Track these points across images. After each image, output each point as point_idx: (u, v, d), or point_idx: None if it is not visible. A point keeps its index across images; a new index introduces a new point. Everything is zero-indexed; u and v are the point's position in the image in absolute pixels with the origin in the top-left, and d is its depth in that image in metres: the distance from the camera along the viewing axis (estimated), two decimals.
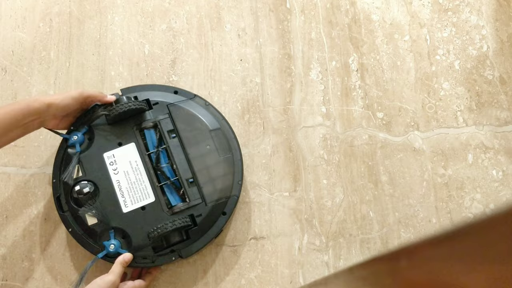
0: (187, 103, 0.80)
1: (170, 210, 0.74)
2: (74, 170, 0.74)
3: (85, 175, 0.75)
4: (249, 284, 0.79)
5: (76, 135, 0.76)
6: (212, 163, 0.76)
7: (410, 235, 0.82)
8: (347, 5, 0.95)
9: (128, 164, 0.75)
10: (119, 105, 0.76)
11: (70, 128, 0.77)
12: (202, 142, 0.77)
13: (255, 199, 0.83)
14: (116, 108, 0.75)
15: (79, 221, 0.73)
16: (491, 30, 0.93)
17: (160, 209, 0.74)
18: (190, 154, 0.76)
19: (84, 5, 0.94)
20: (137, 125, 0.78)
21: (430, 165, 0.86)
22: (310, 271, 0.80)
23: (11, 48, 0.91)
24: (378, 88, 0.90)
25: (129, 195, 0.74)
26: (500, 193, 0.84)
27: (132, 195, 0.74)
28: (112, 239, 0.72)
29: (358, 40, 0.93)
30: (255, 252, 0.81)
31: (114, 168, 0.75)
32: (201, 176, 0.75)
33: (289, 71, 0.91)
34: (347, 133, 0.87)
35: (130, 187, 0.74)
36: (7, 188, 0.82)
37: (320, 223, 0.82)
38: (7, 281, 0.79)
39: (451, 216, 0.83)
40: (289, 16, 0.94)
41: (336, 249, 0.81)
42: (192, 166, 0.75)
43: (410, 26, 0.94)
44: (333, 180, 0.85)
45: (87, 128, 0.77)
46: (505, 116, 0.88)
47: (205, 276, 0.79)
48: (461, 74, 0.91)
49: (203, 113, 0.80)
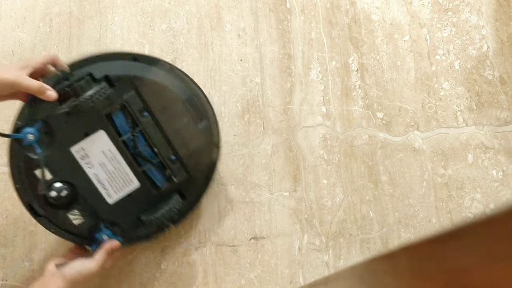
0: (151, 72, 0.71)
1: (158, 191, 0.72)
2: (43, 176, 0.66)
3: (57, 177, 0.67)
4: (249, 284, 0.79)
5: (29, 132, 0.65)
6: (191, 135, 0.72)
7: (410, 235, 0.82)
8: (347, 5, 0.95)
9: (102, 154, 0.68)
10: (83, 100, 0.64)
11: (17, 123, 0.66)
12: (178, 115, 0.71)
13: (255, 199, 0.83)
14: (82, 104, 0.65)
15: (62, 221, 0.69)
16: (491, 30, 0.93)
17: (147, 192, 0.71)
18: (168, 131, 0.70)
19: (84, 5, 0.94)
20: (102, 109, 0.68)
21: (430, 165, 0.86)
22: (310, 271, 0.80)
23: (11, 48, 0.91)
24: (378, 88, 0.90)
25: (111, 185, 0.69)
26: (500, 193, 0.84)
27: (114, 185, 0.69)
28: (103, 231, 0.70)
29: (358, 40, 0.93)
30: (255, 252, 0.81)
31: (87, 162, 0.68)
32: (183, 151, 0.71)
33: (289, 71, 0.91)
34: (347, 133, 0.87)
35: (110, 178, 0.69)
36: (7, 188, 0.82)
37: (320, 223, 0.82)
38: (7, 281, 0.79)
39: (451, 216, 0.83)
40: (289, 16, 0.94)
41: (336, 249, 0.81)
42: (171, 143, 0.70)
43: (410, 26, 0.94)
44: (333, 180, 0.85)
45: (41, 122, 0.66)
46: (505, 116, 0.88)
47: (205, 276, 0.79)
48: (461, 74, 0.91)
49: (172, 81, 0.73)
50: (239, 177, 0.84)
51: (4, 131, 0.65)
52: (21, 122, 0.66)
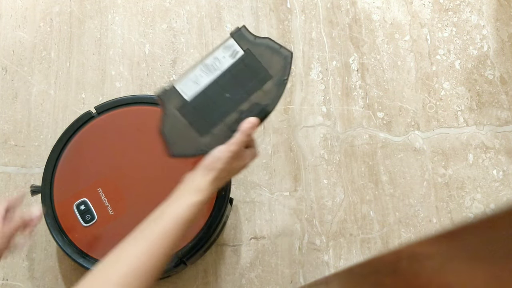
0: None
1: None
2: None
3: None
4: (250, 284, 0.79)
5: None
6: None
7: (411, 235, 0.82)
8: (348, 5, 0.95)
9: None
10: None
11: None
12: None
13: (255, 199, 0.83)
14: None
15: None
16: (492, 30, 0.93)
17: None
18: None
19: (84, 4, 0.94)
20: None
21: (431, 165, 0.86)
22: (311, 271, 0.80)
23: (12, 47, 0.91)
24: (379, 88, 0.90)
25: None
26: (501, 193, 0.84)
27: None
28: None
29: (358, 40, 0.93)
30: (256, 252, 0.81)
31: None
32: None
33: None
34: (348, 133, 0.87)
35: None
36: (7, 187, 0.83)
37: (320, 223, 0.82)
38: (7, 280, 0.79)
39: (452, 216, 0.83)
40: (290, 16, 0.94)
41: (336, 249, 0.81)
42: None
43: (410, 26, 0.94)
44: (333, 180, 0.85)
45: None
46: (506, 116, 0.88)
47: (205, 276, 0.79)
48: (462, 74, 0.91)
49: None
50: (240, 177, 0.84)
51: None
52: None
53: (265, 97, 0.62)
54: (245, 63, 0.62)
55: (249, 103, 0.62)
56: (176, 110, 0.62)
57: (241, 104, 0.62)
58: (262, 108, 0.62)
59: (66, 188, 0.75)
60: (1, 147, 0.86)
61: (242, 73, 0.62)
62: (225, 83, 0.62)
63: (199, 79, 0.62)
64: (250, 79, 0.63)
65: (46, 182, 0.74)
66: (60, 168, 0.76)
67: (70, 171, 0.76)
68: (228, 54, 0.63)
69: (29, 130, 0.86)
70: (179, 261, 0.71)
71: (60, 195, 0.75)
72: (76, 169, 0.76)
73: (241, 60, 0.62)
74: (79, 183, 0.74)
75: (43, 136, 0.86)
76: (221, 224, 0.76)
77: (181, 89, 0.62)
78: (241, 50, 0.63)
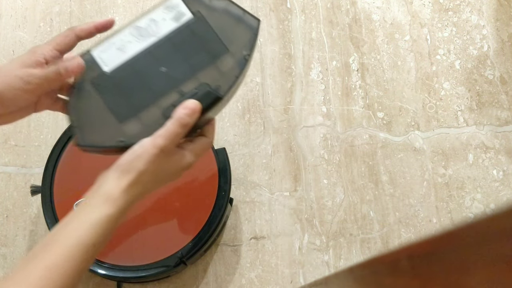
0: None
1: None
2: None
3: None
4: (250, 284, 0.79)
5: None
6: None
7: (411, 235, 0.82)
8: (348, 4, 0.95)
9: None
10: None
11: None
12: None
13: (255, 199, 0.83)
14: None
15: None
16: (492, 30, 0.93)
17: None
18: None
19: (84, 4, 0.94)
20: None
21: (431, 165, 0.86)
22: (311, 271, 0.80)
23: (12, 47, 0.91)
24: (379, 88, 0.90)
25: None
26: (501, 193, 0.84)
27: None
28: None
29: (358, 39, 0.93)
30: (256, 252, 0.81)
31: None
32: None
33: (289, 71, 0.91)
34: (348, 133, 0.87)
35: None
36: (7, 187, 0.83)
37: (320, 223, 0.82)
38: None
39: (452, 216, 0.83)
40: (290, 16, 0.94)
41: (336, 249, 0.81)
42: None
43: (410, 26, 0.94)
44: (333, 180, 0.85)
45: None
46: (506, 116, 0.88)
47: (205, 276, 0.79)
48: (462, 74, 0.91)
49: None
50: (240, 177, 0.84)
51: None
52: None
53: (218, 76, 0.46)
54: (192, 30, 0.46)
55: (194, 82, 0.46)
56: (90, 84, 0.45)
57: (183, 82, 0.45)
58: (210, 91, 0.45)
59: (66, 188, 0.75)
60: (1, 147, 0.86)
61: (187, 43, 0.46)
62: (162, 53, 0.46)
63: (126, 46, 0.46)
64: (198, 51, 0.46)
65: (46, 182, 0.74)
66: (60, 168, 0.76)
67: (70, 171, 0.76)
68: (170, 17, 0.47)
69: (29, 130, 0.86)
70: (179, 261, 0.71)
71: (60, 195, 0.75)
72: (76, 169, 0.76)
73: (188, 25, 0.46)
74: (79, 183, 0.74)
75: (43, 136, 0.86)
76: (221, 224, 0.76)
77: (99, 57, 0.46)
78: (189, 13, 0.47)
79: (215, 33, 0.46)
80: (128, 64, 0.46)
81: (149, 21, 0.47)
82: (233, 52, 0.47)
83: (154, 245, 0.72)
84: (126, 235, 0.73)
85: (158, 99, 0.45)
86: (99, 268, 0.71)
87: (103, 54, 0.46)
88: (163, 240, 0.72)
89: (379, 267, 0.34)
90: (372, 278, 0.36)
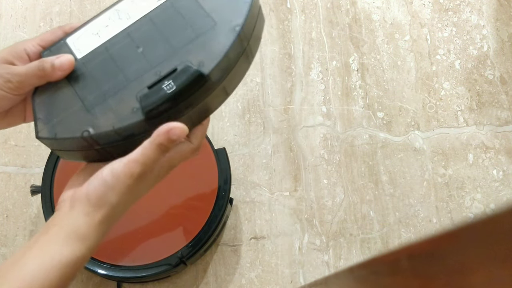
0: None
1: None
2: None
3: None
4: (250, 284, 0.79)
5: None
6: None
7: (411, 235, 0.82)
8: (348, 4, 0.95)
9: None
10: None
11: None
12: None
13: (255, 199, 0.83)
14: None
15: None
16: (492, 30, 0.93)
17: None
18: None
19: (84, 4, 0.94)
20: None
21: (431, 165, 0.86)
22: (311, 271, 0.80)
23: None
24: (379, 88, 0.90)
25: None
26: (501, 193, 0.84)
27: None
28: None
29: (358, 39, 0.93)
30: (256, 252, 0.81)
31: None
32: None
33: (289, 71, 0.91)
34: (348, 133, 0.87)
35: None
36: (7, 187, 0.83)
37: (320, 223, 0.82)
38: None
39: (452, 216, 0.83)
40: (290, 16, 0.94)
41: (336, 249, 0.81)
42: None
43: (410, 26, 0.94)
44: (333, 180, 0.85)
45: None
46: (506, 116, 0.88)
47: (205, 276, 0.79)
48: (462, 74, 0.91)
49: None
50: (240, 177, 0.84)
51: None
52: None
53: (202, 53, 0.39)
54: (176, 7, 0.41)
55: (174, 60, 0.39)
56: None
57: (161, 63, 0.39)
58: (192, 69, 0.38)
59: None
60: (1, 147, 0.86)
61: (169, 22, 0.41)
62: (140, 35, 0.41)
63: (102, 30, 0.42)
64: (182, 29, 0.40)
65: (46, 182, 0.74)
66: (60, 168, 0.76)
67: (70, 171, 0.76)
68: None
69: (29, 130, 0.86)
70: (179, 261, 0.71)
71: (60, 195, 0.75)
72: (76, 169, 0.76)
73: (171, 3, 0.41)
74: None
75: None
76: (221, 224, 0.76)
77: (73, 43, 0.42)
78: None
79: (201, 7, 0.41)
80: (103, 48, 0.41)
81: (130, 2, 0.42)
82: (221, 24, 0.40)
83: (154, 245, 0.72)
84: (126, 235, 0.73)
85: (132, 82, 0.39)
86: (99, 268, 0.70)
87: (78, 41, 0.42)
88: (163, 240, 0.72)
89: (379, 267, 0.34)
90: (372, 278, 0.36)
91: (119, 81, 0.39)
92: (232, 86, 0.43)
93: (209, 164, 0.76)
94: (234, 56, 0.41)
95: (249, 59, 0.45)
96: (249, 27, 0.42)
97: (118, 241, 0.73)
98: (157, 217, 0.74)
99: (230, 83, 0.42)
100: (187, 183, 0.75)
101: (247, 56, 0.44)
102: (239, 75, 0.44)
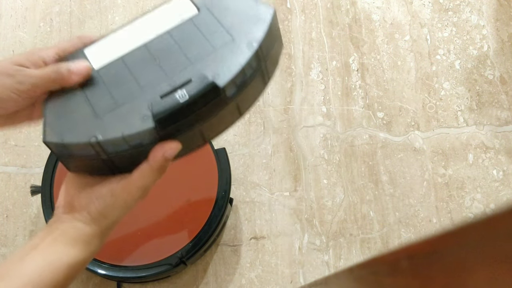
0: None
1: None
2: None
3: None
4: (250, 284, 0.79)
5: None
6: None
7: (411, 235, 0.82)
8: (348, 5, 0.95)
9: None
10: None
11: None
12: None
13: (255, 199, 0.83)
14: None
15: None
16: (492, 30, 0.93)
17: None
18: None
19: (84, 4, 0.94)
20: None
21: (431, 165, 0.86)
22: (311, 271, 0.80)
23: (12, 47, 0.91)
24: (379, 88, 0.90)
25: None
26: (501, 193, 0.84)
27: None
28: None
29: (358, 40, 0.93)
30: (256, 252, 0.81)
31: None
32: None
33: (289, 71, 0.91)
34: (348, 133, 0.87)
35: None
36: (7, 187, 0.83)
37: (320, 223, 0.82)
38: None
39: (452, 216, 0.83)
40: (290, 16, 0.94)
41: (336, 249, 0.81)
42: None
43: (410, 26, 0.94)
44: (333, 180, 0.85)
45: None
46: (506, 116, 0.88)
47: (205, 276, 0.79)
48: (462, 74, 0.91)
49: None
50: (240, 177, 0.84)
51: None
52: None
53: (217, 64, 0.40)
54: (196, 24, 0.42)
55: (189, 72, 0.39)
56: None
57: (177, 73, 0.40)
58: (207, 79, 0.38)
59: None
60: (1, 147, 0.86)
61: (188, 37, 0.42)
62: (159, 49, 0.42)
63: (122, 43, 0.43)
64: (200, 44, 0.41)
65: (46, 182, 0.74)
66: (60, 168, 0.76)
67: None
68: (173, 13, 0.44)
69: (29, 130, 0.86)
70: (179, 261, 0.71)
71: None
72: None
73: (191, 20, 0.43)
74: None
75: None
76: (221, 224, 0.76)
77: (91, 54, 0.42)
78: (194, 8, 0.44)
79: (221, 24, 0.42)
80: (120, 60, 0.41)
81: (150, 18, 0.44)
82: (239, 40, 0.41)
83: (154, 245, 0.72)
84: (126, 235, 0.73)
85: (145, 92, 0.39)
86: (99, 268, 0.70)
87: (95, 53, 0.42)
88: (163, 240, 0.72)
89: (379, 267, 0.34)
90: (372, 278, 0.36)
91: (133, 90, 0.39)
92: (245, 105, 0.43)
93: (209, 164, 0.76)
94: (249, 73, 0.41)
95: (265, 80, 0.45)
96: (267, 46, 0.42)
97: (118, 241, 0.73)
98: (157, 217, 0.74)
99: (244, 101, 0.42)
100: (187, 183, 0.75)
101: (262, 76, 0.43)
102: (254, 95, 0.44)
